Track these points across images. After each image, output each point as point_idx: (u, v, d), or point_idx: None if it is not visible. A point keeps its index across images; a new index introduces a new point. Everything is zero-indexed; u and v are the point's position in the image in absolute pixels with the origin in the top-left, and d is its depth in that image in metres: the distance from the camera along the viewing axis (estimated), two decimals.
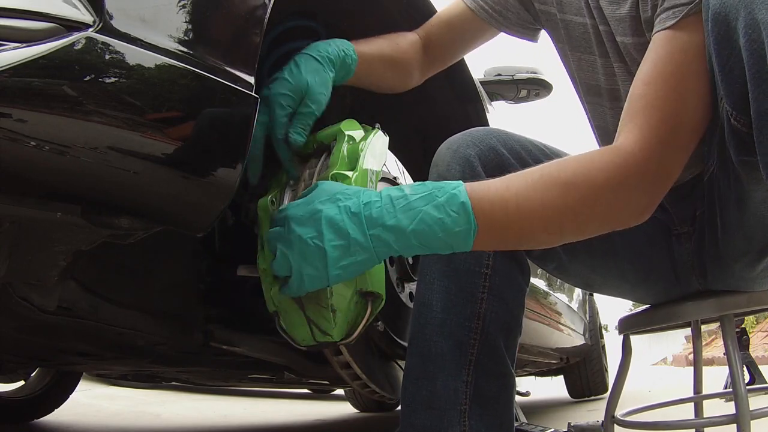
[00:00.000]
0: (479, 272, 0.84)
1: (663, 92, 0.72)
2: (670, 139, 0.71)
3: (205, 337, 1.03)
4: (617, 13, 0.88)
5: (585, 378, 3.57)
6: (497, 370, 0.85)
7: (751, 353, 3.70)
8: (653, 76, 0.74)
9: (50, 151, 0.55)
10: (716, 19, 0.65)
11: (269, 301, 0.90)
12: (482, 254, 0.85)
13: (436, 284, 0.85)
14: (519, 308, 0.90)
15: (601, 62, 0.94)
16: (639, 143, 0.70)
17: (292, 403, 3.96)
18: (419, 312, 0.86)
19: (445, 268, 0.85)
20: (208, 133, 0.63)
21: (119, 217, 0.64)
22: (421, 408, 0.82)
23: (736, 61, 0.63)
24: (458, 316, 0.84)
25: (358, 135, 0.94)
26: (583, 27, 0.95)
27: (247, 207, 1.07)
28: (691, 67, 0.72)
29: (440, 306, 0.84)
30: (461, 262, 0.84)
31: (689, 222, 0.94)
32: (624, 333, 1.10)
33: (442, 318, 0.84)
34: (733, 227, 0.82)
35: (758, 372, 3.45)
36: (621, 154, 0.71)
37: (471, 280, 0.84)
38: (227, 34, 0.67)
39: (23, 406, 1.93)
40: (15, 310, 0.80)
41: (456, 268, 0.84)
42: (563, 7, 0.97)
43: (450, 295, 0.84)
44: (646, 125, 0.71)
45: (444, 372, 0.82)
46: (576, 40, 0.97)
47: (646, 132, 0.71)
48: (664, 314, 0.98)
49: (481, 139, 0.88)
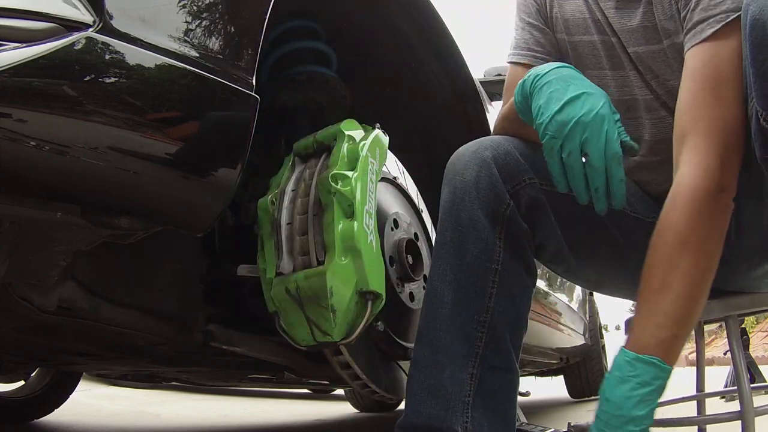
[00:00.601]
0: (490, 268, 0.86)
1: (711, 106, 0.78)
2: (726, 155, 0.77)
3: (205, 337, 1.02)
4: (628, 25, 0.92)
5: (585, 378, 3.57)
6: (502, 365, 0.86)
7: (751, 353, 3.70)
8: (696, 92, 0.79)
9: (50, 151, 0.55)
10: (755, 25, 0.69)
11: (269, 301, 0.90)
12: (493, 250, 0.86)
13: (449, 277, 0.86)
14: (525, 306, 0.91)
15: (611, 74, 0.97)
16: (702, 170, 0.77)
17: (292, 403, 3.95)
18: (430, 303, 0.87)
19: (458, 262, 0.86)
20: (208, 134, 0.63)
21: (119, 217, 0.64)
22: (428, 397, 0.83)
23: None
24: (468, 310, 0.85)
25: (358, 135, 0.94)
26: (591, 45, 0.98)
27: (247, 207, 1.07)
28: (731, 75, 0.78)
29: (451, 298, 0.86)
30: (473, 258, 0.86)
31: None
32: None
33: (452, 310, 0.85)
34: (749, 227, 0.85)
35: (758, 371, 3.46)
36: (692, 193, 0.77)
37: (481, 275, 0.86)
38: (227, 35, 0.67)
39: (23, 406, 1.92)
40: (15, 310, 0.80)
41: (468, 262, 0.86)
42: (570, 30, 1.01)
43: (461, 288, 0.86)
44: (704, 145, 0.78)
45: (452, 363, 0.84)
46: (585, 59, 1.00)
47: (704, 155, 0.78)
48: None
49: (498, 144, 0.91)
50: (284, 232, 0.90)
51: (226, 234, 1.08)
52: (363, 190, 0.88)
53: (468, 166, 0.89)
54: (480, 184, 0.87)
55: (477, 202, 0.86)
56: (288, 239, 0.90)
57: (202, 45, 0.63)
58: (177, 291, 1.00)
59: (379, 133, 0.97)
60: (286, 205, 0.92)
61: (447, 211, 0.88)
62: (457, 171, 0.90)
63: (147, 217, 0.67)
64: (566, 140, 0.77)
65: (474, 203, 0.86)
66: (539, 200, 0.89)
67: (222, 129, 0.65)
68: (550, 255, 0.94)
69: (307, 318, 0.85)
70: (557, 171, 0.80)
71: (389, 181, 1.25)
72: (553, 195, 0.89)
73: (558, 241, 0.91)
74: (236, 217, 1.08)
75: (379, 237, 0.92)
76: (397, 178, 1.28)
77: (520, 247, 0.88)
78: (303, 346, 0.89)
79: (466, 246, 0.86)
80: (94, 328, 0.92)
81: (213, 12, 0.66)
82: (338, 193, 0.85)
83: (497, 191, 0.86)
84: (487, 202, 0.86)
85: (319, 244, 0.87)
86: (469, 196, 0.87)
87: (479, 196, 0.86)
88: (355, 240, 0.84)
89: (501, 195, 0.87)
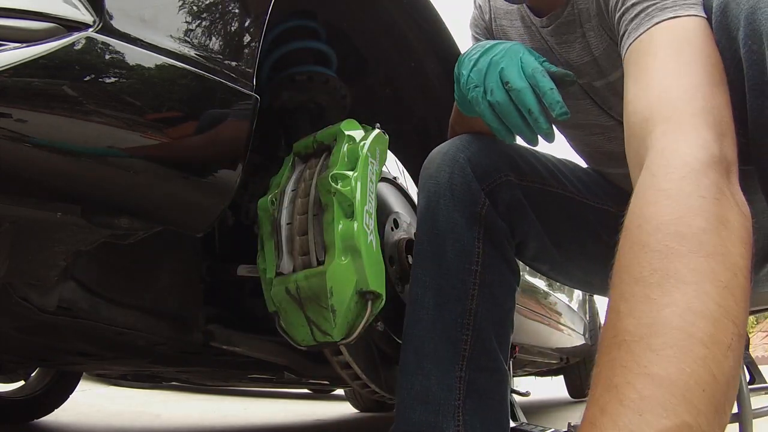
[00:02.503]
0: (470, 269, 0.85)
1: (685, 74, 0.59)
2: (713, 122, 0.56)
3: (205, 337, 1.02)
4: (571, 59, 0.87)
5: (585, 378, 3.57)
6: (490, 366, 0.86)
7: (751, 353, 3.70)
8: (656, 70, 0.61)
9: (50, 151, 0.55)
10: (716, 28, 0.63)
11: (269, 301, 0.90)
12: (472, 251, 0.86)
13: (429, 282, 0.86)
14: (510, 305, 0.90)
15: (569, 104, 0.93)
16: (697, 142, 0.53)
17: (292, 403, 3.95)
18: (412, 310, 0.87)
19: (437, 266, 0.86)
20: (207, 134, 0.63)
21: (119, 217, 0.64)
22: (417, 403, 0.83)
23: (736, 71, 0.61)
24: (450, 313, 0.85)
25: (358, 135, 0.94)
26: None
27: (247, 207, 1.07)
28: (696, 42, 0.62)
29: (433, 303, 0.85)
30: (452, 261, 0.85)
31: None
32: None
33: (435, 315, 0.85)
34: None
35: (758, 372, 3.45)
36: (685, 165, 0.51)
37: (462, 278, 0.85)
38: (227, 34, 0.67)
39: (23, 406, 1.92)
40: (15, 310, 0.80)
41: (447, 267, 0.85)
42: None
43: (442, 292, 0.85)
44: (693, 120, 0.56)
45: (438, 368, 0.83)
46: None
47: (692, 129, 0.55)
48: None
49: (470, 142, 0.89)
50: (284, 232, 0.90)
51: (226, 234, 1.09)
52: (363, 190, 0.87)
53: (441, 168, 0.88)
54: (454, 185, 0.86)
55: (452, 204, 0.86)
56: (288, 239, 0.90)
57: (202, 45, 0.63)
58: (177, 291, 1.00)
59: (379, 133, 0.97)
60: (286, 205, 0.92)
61: (423, 216, 0.88)
62: (431, 175, 0.89)
63: (147, 217, 0.67)
64: (486, 82, 0.74)
65: (449, 205, 0.86)
66: (516, 197, 0.87)
67: (222, 129, 0.65)
68: (533, 253, 0.93)
69: (307, 318, 0.85)
70: (491, 119, 0.75)
71: (389, 181, 1.25)
72: (531, 191, 0.88)
73: (540, 239, 0.90)
74: (236, 217, 1.08)
75: (379, 237, 0.92)
76: (397, 178, 1.28)
77: (499, 246, 0.87)
78: (303, 346, 0.88)
79: (444, 249, 0.85)
80: (94, 328, 0.92)
81: (213, 12, 0.66)
82: (338, 193, 0.85)
83: (472, 191, 0.86)
84: (462, 203, 0.85)
85: (319, 244, 0.87)
86: (444, 199, 0.86)
87: (454, 197, 0.86)
88: (355, 240, 0.84)
89: (476, 194, 0.86)
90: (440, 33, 1.23)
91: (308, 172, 0.95)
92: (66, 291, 0.84)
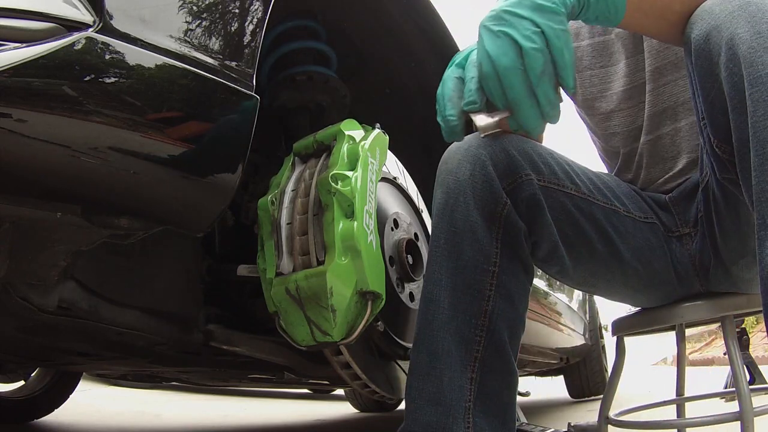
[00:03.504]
0: (487, 270, 0.84)
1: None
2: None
3: (205, 337, 1.02)
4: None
5: (585, 378, 3.56)
6: (502, 368, 0.85)
7: (751, 353, 3.70)
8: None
9: (50, 151, 0.55)
10: (699, 54, 0.70)
11: (269, 301, 0.90)
12: (490, 252, 0.84)
13: (444, 281, 0.84)
14: (524, 307, 0.90)
15: (624, 64, 1.01)
16: None
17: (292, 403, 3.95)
18: (426, 308, 0.85)
19: (453, 265, 0.84)
20: (208, 134, 0.63)
21: (119, 217, 0.64)
22: (427, 404, 0.82)
23: (718, 93, 0.68)
24: (465, 313, 0.83)
25: (358, 135, 0.94)
26: (591, 47, 1.02)
27: (247, 207, 1.07)
28: None
29: (447, 303, 0.84)
30: (469, 260, 0.84)
31: (691, 223, 0.95)
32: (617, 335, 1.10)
33: (450, 315, 0.83)
34: (729, 233, 0.84)
35: (758, 372, 3.45)
36: None
37: (478, 278, 0.84)
38: (227, 35, 0.67)
39: (23, 406, 1.92)
40: (15, 310, 0.80)
41: (464, 265, 0.84)
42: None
43: (457, 291, 0.84)
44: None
45: (450, 369, 0.82)
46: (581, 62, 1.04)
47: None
48: (661, 316, 0.98)
49: (492, 141, 0.88)
50: (284, 232, 0.90)
51: (226, 234, 1.08)
52: (363, 190, 0.87)
53: (461, 164, 0.86)
54: (475, 183, 0.84)
55: (472, 202, 0.84)
56: (288, 239, 0.90)
57: (202, 45, 0.63)
58: (177, 291, 1.00)
59: (379, 133, 0.97)
60: (286, 205, 0.92)
61: (441, 212, 0.86)
62: (450, 170, 0.87)
63: (147, 217, 0.67)
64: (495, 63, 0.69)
65: (469, 203, 0.84)
66: (536, 197, 0.86)
67: (222, 129, 0.65)
68: (544, 254, 0.92)
69: (307, 318, 0.85)
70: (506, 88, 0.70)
71: (389, 181, 1.25)
72: (548, 191, 0.87)
73: (553, 240, 0.89)
74: (236, 217, 1.08)
75: (379, 237, 0.92)
76: (397, 178, 1.28)
77: (517, 247, 0.86)
78: (303, 346, 0.88)
79: (462, 248, 0.84)
80: (94, 328, 0.92)
81: (213, 12, 0.66)
82: (338, 192, 0.85)
83: (493, 190, 0.84)
84: (483, 201, 0.84)
85: (319, 244, 0.87)
86: (464, 196, 0.84)
87: (474, 195, 0.84)
88: (355, 240, 0.84)
89: (497, 194, 0.84)
90: (440, 33, 1.23)
91: (308, 172, 0.95)
92: (66, 291, 0.84)
